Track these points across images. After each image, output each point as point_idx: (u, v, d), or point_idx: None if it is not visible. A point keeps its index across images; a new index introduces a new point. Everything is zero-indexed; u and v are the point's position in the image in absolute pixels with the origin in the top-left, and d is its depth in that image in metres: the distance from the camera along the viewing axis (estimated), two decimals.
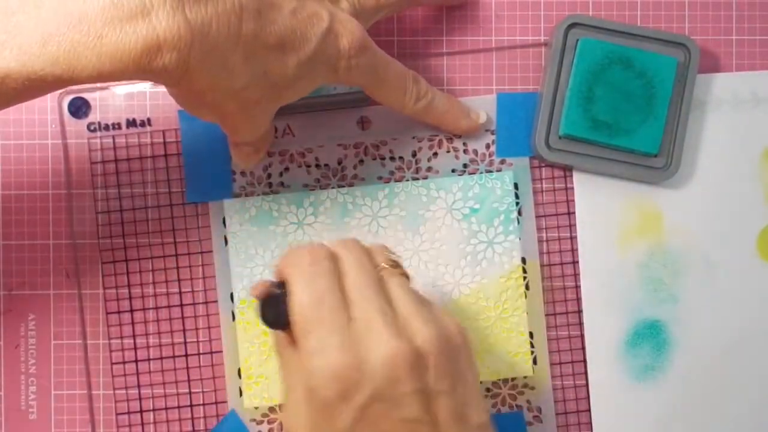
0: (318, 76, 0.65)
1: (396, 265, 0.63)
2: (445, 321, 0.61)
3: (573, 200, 0.76)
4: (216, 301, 0.75)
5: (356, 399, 0.57)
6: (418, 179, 0.75)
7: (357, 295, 0.60)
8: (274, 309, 0.61)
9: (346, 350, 0.57)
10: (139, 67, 0.55)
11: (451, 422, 0.59)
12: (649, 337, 0.76)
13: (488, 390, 0.75)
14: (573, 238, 0.76)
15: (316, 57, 0.63)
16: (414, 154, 0.75)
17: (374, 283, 0.61)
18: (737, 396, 0.76)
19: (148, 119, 0.75)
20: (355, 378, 0.57)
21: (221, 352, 0.75)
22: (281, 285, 0.61)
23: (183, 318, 0.75)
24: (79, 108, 0.74)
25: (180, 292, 0.75)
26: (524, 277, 0.75)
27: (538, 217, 0.76)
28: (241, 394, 0.75)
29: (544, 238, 0.76)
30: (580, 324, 0.76)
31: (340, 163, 0.75)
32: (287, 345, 0.61)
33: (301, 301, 0.59)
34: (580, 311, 0.76)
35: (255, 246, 0.75)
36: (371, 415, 0.57)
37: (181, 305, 0.75)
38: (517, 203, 0.75)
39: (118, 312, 0.75)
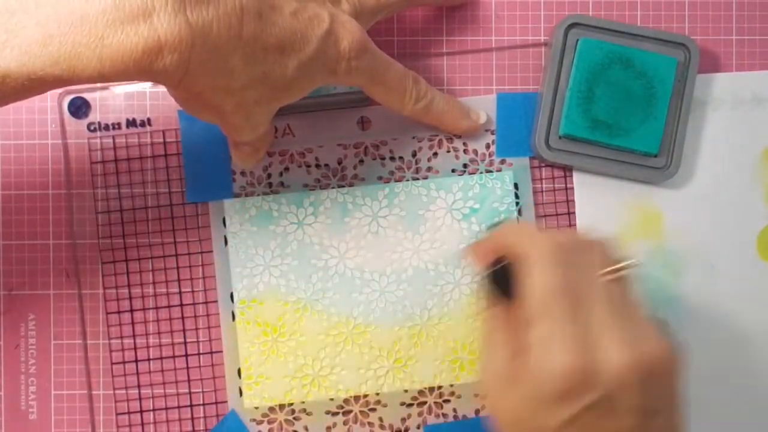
0: (317, 77, 0.65)
1: (627, 268, 0.61)
2: (668, 338, 0.59)
3: (573, 200, 0.76)
4: (216, 301, 0.75)
5: (578, 402, 0.56)
6: (418, 179, 0.75)
7: (594, 296, 0.58)
8: (502, 281, 0.61)
9: (581, 349, 0.56)
10: (139, 68, 0.55)
11: None
12: None
13: None
14: None
15: (316, 59, 0.63)
16: (414, 154, 0.75)
17: (610, 285, 0.59)
18: (737, 396, 0.76)
19: (148, 119, 0.75)
20: (582, 380, 0.56)
21: (221, 352, 0.75)
22: (505, 258, 0.62)
23: (183, 318, 0.75)
24: (79, 108, 0.74)
25: (180, 292, 0.75)
26: None
27: (538, 217, 0.76)
28: (241, 394, 0.75)
29: None
30: None
31: (340, 163, 0.75)
32: (503, 319, 0.61)
33: (538, 285, 0.58)
34: None
35: (255, 246, 0.75)
36: (585, 420, 0.56)
37: (181, 305, 0.75)
38: (517, 203, 0.75)
39: (118, 312, 0.75)
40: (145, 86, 0.75)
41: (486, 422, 0.75)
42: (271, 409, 0.75)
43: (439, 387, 0.75)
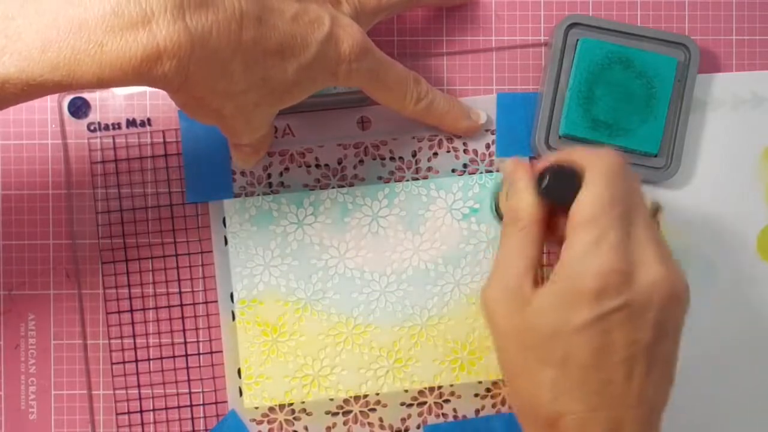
0: (318, 80, 0.65)
1: (658, 213, 0.67)
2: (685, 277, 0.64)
3: None
4: (216, 301, 0.75)
5: (608, 302, 0.59)
6: (418, 179, 0.75)
7: (639, 218, 0.62)
8: (557, 184, 0.64)
9: (622, 255, 0.60)
10: (139, 74, 0.55)
11: (662, 362, 0.62)
12: None
13: (488, 390, 0.76)
14: None
15: (317, 62, 0.63)
16: (414, 154, 0.75)
17: (648, 216, 0.63)
18: (737, 395, 0.76)
19: (148, 119, 0.75)
20: (618, 283, 0.59)
21: (221, 352, 0.75)
22: (567, 170, 0.64)
23: (183, 318, 0.75)
24: (79, 108, 0.74)
25: (180, 292, 0.75)
26: None
27: None
28: (241, 394, 0.75)
29: None
30: None
31: (340, 163, 0.75)
32: (536, 233, 0.64)
33: (599, 192, 0.61)
34: None
35: (255, 246, 0.75)
36: (610, 322, 0.60)
37: (181, 305, 0.75)
38: None
39: (118, 312, 0.75)
40: (145, 87, 0.74)
41: (487, 422, 0.75)
42: (271, 409, 0.75)
43: (439, 387, 0.76)
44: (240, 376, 0.75)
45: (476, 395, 0.76)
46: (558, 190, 0.64)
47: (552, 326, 0.60)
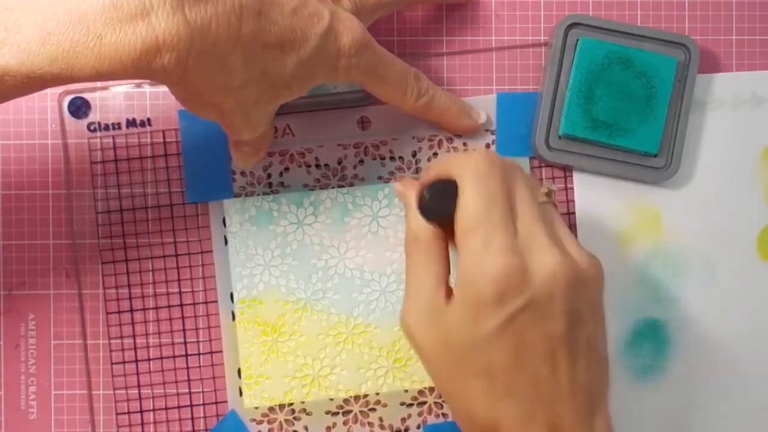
0: (318, 74, 0.65)
1: (551, 194, 0.64)
2: (592, 255, 0.63)
3: (573, 200, 0.76)
4: (216, 301, 0.75)
5: (511, 304, 0.58)
6: (418, 179, 0.75)
7: (524, 209, 0.61)
8: (438, 202, 0.62)
9: (513, 254, 0.59)
10: (137, 67, 0.55)
11: (585, 348, 0.61)
12: (649, 337, 0.76)
13: None
14: None
15: (316, 56, 0.63)
16: (414, 154, 0.75)
17: (540, 206, 0.62)
18: (737, 396, 0.76)
19: (148, 119, 0.75)
20: (516, 282, 0.58)
21: (221, 352, 0.75)
22: (442, 182, 0.63)
23: (183, 318, 0.75)
24: (79, 108, 0.74)
25: (180, 292, 0.75)
26: None
27: None
28: (241, 394, 0.75)
29: None
30: None
31: (340, 163, 0.75)
32: (429, 246, 0.63)
33: (474, 199, 0.60)
34: None
35: (255, 246, 0.75)
36: (519, 322, 0.59)
37: (181, 305, 0.75)
38: None
39: (118, 312, 0.75)
40: (145, 86, 0.75)
41: None
42: (271, 409, 0.75)
43: None
44: (240, 376, 0.75)
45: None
46: (438, 205, 0.62)
47: (467, 338, 0.60)
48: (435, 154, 0.75)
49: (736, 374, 0.76)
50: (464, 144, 0.75)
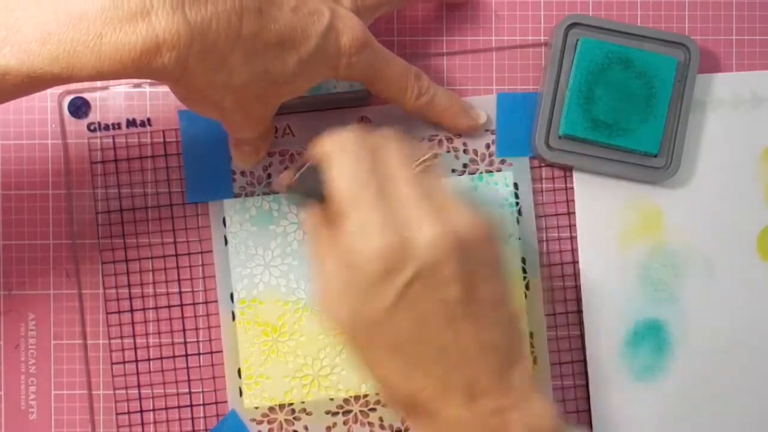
0: (318, 73, 0.65)
1: (433, 158, 0.63)
2: (480, 212, 0.62)
3: (573, 200, 0.76)
4: (216, 301, 0.75)
5: (399, 278, 0.58)
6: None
7: (399, 182, 0.60)
8: (312, 181, 0.61)
9: (391, 229, 0.58)
10: (138, 66, 0.55)
11: (486, 307, 0.60)
12: (649, 337, 0.76)
13: None
14: (573, 238, 0.76)
15: (317, 54, 0.63)
16: None
17: (415, 173, 0.61)
18: (737, 396, 0.76)
19: (148, 119, 0.75)
20: (398, 257, 0.57)
21: (221, 352, 0.75)
22: (313, 166, 0.62)
23: (183, 318, 0.75)
24: (79, 108, 0.74)
25: (180, 292, 0.75)
26: (524, 277, 0.75)
27: (538, 217, 0.76)
28: (241, 394, 0.75)
29: (544, 238, 0.76)
30: (580, 324, 0.76)
31: None
32: (322, 225, 0.62)
33: (343, 176, 0.59)
34: (580, 311, 0.76)
35: (255, 246, 0.75)
36: (412, 294, 0.58)
37: (181, 305, 0.75)
38: (517, 203, 0.75)
39: (118, 312, 0.75)
40: (145, 86, 0.75)
41: None
42: (271, 409, 0.75)
43: None
44: (240, 376, 0.75)
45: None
46: (311, 190, 0.62)
47: (369, 316, 0.59)
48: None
49: (736, 374, 0.76)
50: (464, 144, 0.75)
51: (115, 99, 0.75)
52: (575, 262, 0.76)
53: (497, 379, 0.60)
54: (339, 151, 0.60)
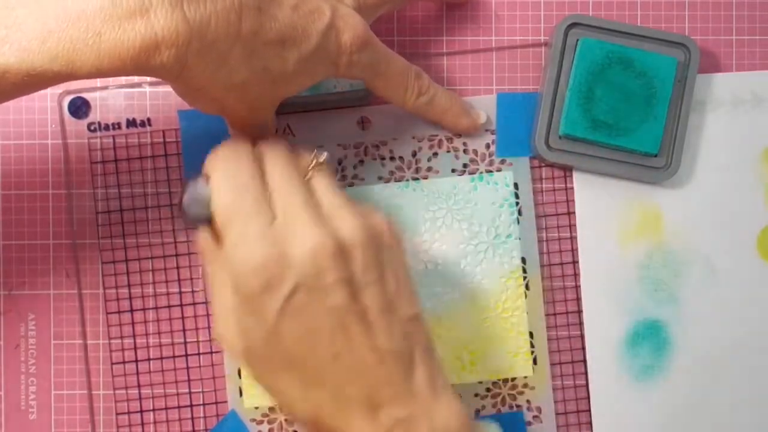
0: (319, 71, 0.65)
1: (322, 164, 0.63)
2: (373, 216, 0.62)
3: (573, 200, 0.76)
4: None
5: (280, 290, 0.57)
6: (418, 179, 0.75)
7: (280, 190, 0.60)
8: (198, 203, 0.61)
9: (268, 241, 0.57)
10: (137, 64, 0.55)
11: (378, 312, 0.59)
12: (649, 337, 0.76)
13: (488, 390, 0.75)
14: (573, 238, 0.76)
15: (317, 52, 0.63)
16: (414, 154, 0.75)
17: (298, 178, 0.61)
18: (737, 396, 0.76)
19: (148, 119, 0.75)
20: (277, 269, 0.57)
21: (221, 352, 0.75)
22: (201, 182, 0.61)
23: (183, 318, 0.75)
24: (79, 108, 0.74)
25: (180, 292, 0.75)
26: (524, 277, 0.75)
27: (538, 217, 0.76)
28: (241, 394, 0.75)
29: (544, 238, 0.76)
30: (580, 324, 0.76)
31: (340, 163, 0.75)
32: (212, 244, 0.61)
33: (222, 191, 0.59)
34: (580, 311, 0.76)
35: None
36: (297, 305, 0.58)
37: (181, 305, 0.75)
38: (517, 203, 0.75)
39: (118, 312, 0.75)
40: (145, 86, 0.75)
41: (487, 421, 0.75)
42: (271, 409, 0.75)
43: None
44: (240, 376, 0.75)
45: (476, 395, 0.76)
46: (197, 211, 0.61)
47: (259, 335, 0.59)
48: (435, 154, 0.75)
49: (736, 374, 0.76)
50: (464, 144, 0.75)
51: (115, 99, 0.75)
52: (575, 262, 0.76)
53: (399, 386, 0.60)
54: (218, 167, 0.61)
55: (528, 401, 0.76)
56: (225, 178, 0.60)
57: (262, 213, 0.59)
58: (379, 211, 0.63)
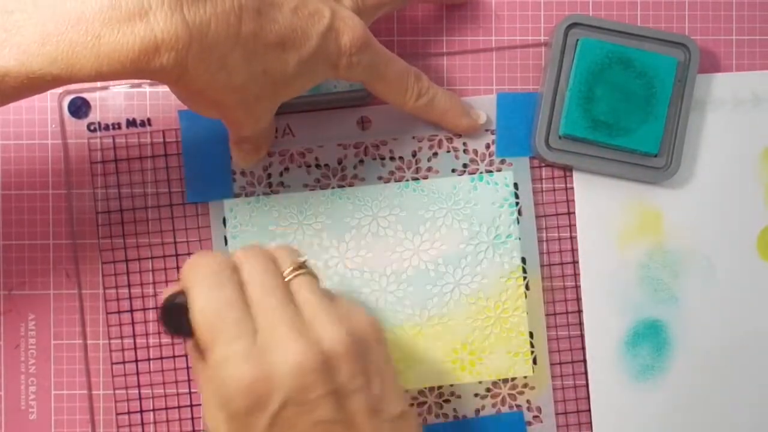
0: (319, 73, 0.65)
1: (301, 266, 0.62)
2: (355, 318, 0.60)
3: (573, 200, 0.76)
4: None
5: (268, 408, 0.56)
6: (418, 179, 0.75)
7: (260, 303, 0.59)
8: (177, 317, 0.59)
9: (253, 361, 0.56)
10: (137, 67, 0.55)
11: (365, 418, 0.58)
12: (649, 337, 0.76)
13: (488, 390, 0.75)
14: (573, 238, 0.76)
15: (317, 54, 0.63)
16: (414, 154, 0.75)
17: (278, 289, 0.60)
18: (737, 396, 0.76)
19: (148, 119, 0.75)
20: (264, 389, 0.56)
21: None
22: (178, 295, 0.60)
23: None
24: (79, 108, 0.74)
25: None
26: (524, 277, 0.75)
27: (538, 217, 0.76)
28: None
29: (544, 238, 0.76)
30: (580, 324, 0.76)
31: (340, 163, 0.75)
32: (197, 354, 0.61)
33: (202, 310, 0.58)
34: (580, 311, 0.76)
35: None
36: (285, 420, 0.57)
37: None
38: (517, 203, 0.75)
39: (118, 312, 0.75)
40: (145, 86, 0.75)
41: (487, 422, 0.75)
42: None
43: (439, 387, 0.75)
44: None
45: (476, 395, 0.76)
46: (176, 322, 0.60)
47: None
48: (435, 154, 0.75)
49: (736, 374, 0.76)
50: (464, 144, 0.75)
51: (115, 99, 0.75)
52: (575, 262, 0.76)
53: None
54: (197, 282, 0.59)
55: (528, 401, 0.76)
56: (205, 296, 0.58)
57: (244, 332, 0.57)
58: (359, 307, 0.62)
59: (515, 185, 0.75)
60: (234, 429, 0.58)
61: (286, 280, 0.61)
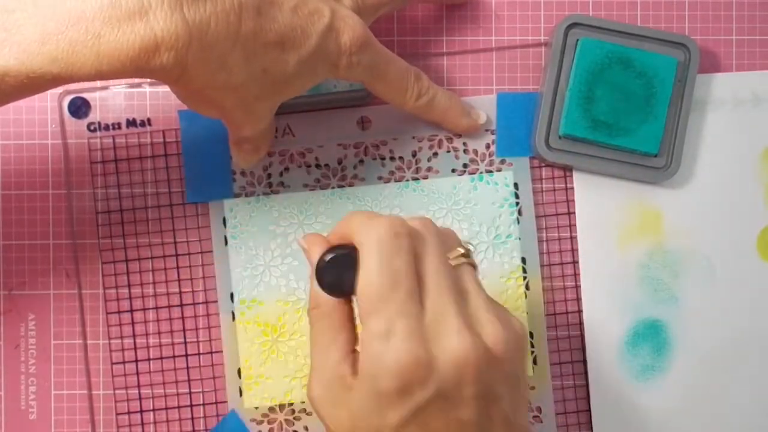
0: (319, 72, 0.65)
1: (468, 254, 0.60)
2: (512, 321, 0.59)
3: (573, 200, 0.76)
4: (216, 301, 0.75)
5: (417, 396, 0.54)
6: (418, 179, 0.75)
7: (433, 284, 0.56)
8: (338, 273, 0.58)
9: (417, 342, 0.54)
10: (136, 66, 0.55)
11: (501, 426, 0.57)
12: (649, 337, 0.76)
13: None
14: (573, 238, 0.76)
15: (317, 54, 0.63)
16: (414, 154, 0.75)
17: (451, 273, 0.58)
18: (737, 396, 0.76)
19: (148, 119, 0.75)
20: (421, 375, 0.54)
21: (221, 352, 0.75)
22: (345, 248, 0.58)
23: (183, 318, 0.75)
24: (79, 108, 0.74)
25: (180, 292, 0.75)
26: (524, 277, 0.75)
27: (538, 217, 0.76)
28: (241, 394, 0.75)
29: (544, 238, 0.76)
30: (580, 324, 0.76)
31: (340, 163, 0.75)
32: (338, 315, 0.59)
33: (375, 276, 0.55)
34: (580, 311, 0.76)
35: (255, 246, 0.75)
36: (426, 415, 0.55)
37: (181, 305, 0.75)
38: (517, 203, 0.75)
39: (118, 312, 0.75)
40: (145, 86, 0.75)
41: None
42: (271, 409, 0.75)
43: None
44: (240, 376, 0.75)
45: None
46: (338, 274, 0.58)
47: (371, 426, 0.55)
48: (435, 154, 0.75)
49: (736, 374, 0.76)
50: (464, 144, 0.75)
51: (115, 99, 0.75)
52: (575, 262, 0.76)
53: None
54: (374, 244, 0.56)
55: (528, 401, 0.75)
56: (382, 260, 0.56)
57: (413, 309, 0.55)
58: (512, 315, 0.60)
59: (515, 185, 0.75)
60: (366, 409, 0.56)
61: (453, 264, 0.59)
